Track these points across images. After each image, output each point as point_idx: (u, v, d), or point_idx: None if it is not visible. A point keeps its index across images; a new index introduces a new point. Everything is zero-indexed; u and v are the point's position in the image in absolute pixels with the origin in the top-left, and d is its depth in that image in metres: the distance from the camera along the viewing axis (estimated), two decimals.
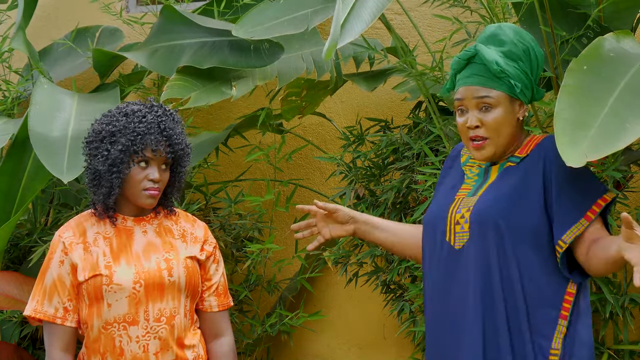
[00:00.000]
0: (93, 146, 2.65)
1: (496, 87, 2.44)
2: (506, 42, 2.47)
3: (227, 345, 2.78)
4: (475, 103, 2.45)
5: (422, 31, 3.96)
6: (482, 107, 2.45)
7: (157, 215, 2.74)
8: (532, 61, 2.47)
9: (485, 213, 2.43)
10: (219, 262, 2.80)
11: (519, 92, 2.44)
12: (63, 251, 2.64)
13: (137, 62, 4.08)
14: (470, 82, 2.46)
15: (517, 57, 2.45)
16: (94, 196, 2.68)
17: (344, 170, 3.95)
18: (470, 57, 2.48)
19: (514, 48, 2.46)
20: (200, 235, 2.76)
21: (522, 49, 2.46)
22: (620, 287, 3.44)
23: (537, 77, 2.49)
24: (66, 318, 2.63)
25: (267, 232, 4.33)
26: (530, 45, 2.47)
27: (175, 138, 2.66)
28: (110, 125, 2.63)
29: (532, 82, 2.48)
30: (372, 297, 4.11)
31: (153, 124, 2.63)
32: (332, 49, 2.62)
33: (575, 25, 3.28)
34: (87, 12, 4.69)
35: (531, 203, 2.41)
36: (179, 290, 2.66)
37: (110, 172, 2.60)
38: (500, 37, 2.48)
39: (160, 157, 2.64)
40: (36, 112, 3.65)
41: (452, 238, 2.47)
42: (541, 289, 2.39)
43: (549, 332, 2.38)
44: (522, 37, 2.48)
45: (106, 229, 2.67)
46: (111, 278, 2.59)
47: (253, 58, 3.71)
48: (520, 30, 2.51)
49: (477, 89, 2.45)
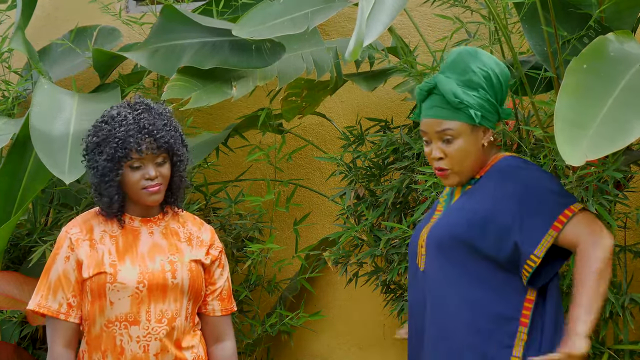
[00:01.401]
0: (87, 159, 2.67)
1: (456, 117, 2.46)
2: (466, 71, 2.47)
3: (229, 349, 2.79)
4: (437, 136, 2.49)
5: (422, 31, 3.96)
6: (444, 138, 2.48)
7: (165, 216, 2.74)
8: (494, 86, 2.47)
9: (435, 234, 2.50)
10: (224, 267, 2.79)
11: (479, 120, 2.45)
12: (69, 247, 2.65)
13: (137, 62, 4.07)
14: (430, 114, 2.49)
15: (477, 85, 2.46)
16: (99, 204, 2.70)
17: (344, 170, 3.95)
18: (431, 87, 2.50)
19: (473, 76, 2.46)
20: (206, 239, 2.76)
21: (483, 76, 2.46)
22: (620, 287, 3.44)
23: (502, 100, 2.50)
24: (70, 314, 2.64)
25: (267, 232, 4.33)
26: (491, 70, 2.47)
27: (158, 132, 2.63)
28: (95, 137, 2.65)
29: (497, 106, 2.49)
30: (372, 297, 4.11)
31: (132, 125, 2.61)
32: (359, 49, 2.57)
33: (576, 25, 3.27)
34: (87, 12, 4.69)
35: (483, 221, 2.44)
36: (181, 293, 2.66)
37: (105, 182, 2.62)
38: (459, 65, 2.49)
39: (148, 155, 2.63)
40: (37, 112, 3.65)
41: (420, 261, 2.54)
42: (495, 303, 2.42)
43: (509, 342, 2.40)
44: (483, 63, 2.48)
45: (113, 227, 2.68)
46: (115, 276, 2.60)
47: (254, 58, 3.71)
48: (481, 55, 2.51)
49: (438, 122, 2.48)
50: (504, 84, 2.51)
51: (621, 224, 3.62)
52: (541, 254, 2.39)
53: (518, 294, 2.43)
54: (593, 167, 3.27)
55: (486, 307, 2.42)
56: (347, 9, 4.45)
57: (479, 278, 2.43)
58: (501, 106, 2.51)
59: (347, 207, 3.86)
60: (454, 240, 2.45)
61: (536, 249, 2.39)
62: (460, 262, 2.45)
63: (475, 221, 2.44)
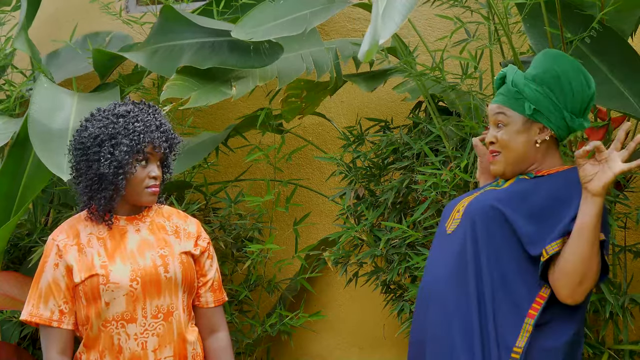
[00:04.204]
0: (92, 151, 2.64)
1: (511, 106, 2.53)
2: (539, 67, 2.53)
3: (223, 339, 2.81)
4: (493, 120, 2.58)
5: (422, 31, 3.96)
6: (498, 124, 2.56)
7: (149, 211, 2.75)
8: (563, 89, 2.49)
9: (475, 204, 2.52)
10: (213, 258, 2.82)
11: (531, 114, 2.49)
12: (57, 254, 2.64)
13: (136, 62, 4.08)
14: (495, 100, 2.59)
15: (543, 82, 2.50)
16: (91, 200, 2.67)
17: (343, 170, 3.95)
18: (503, 76, 2.59)
19: (542, 73, 2.51)
20: (193, 230, 2.78)
21: (552, 75, 2.50)
22: (620, 287, 3.44)
23: (570, 105, 2.50)
24: (62, 321, 2.63)
25: (267, 232, 4.33)
26: (563, 73, 2.50)
27: (170, 133, 2.71)
28: (108, 128, 2.64)
29: (562, 108, 2.50)
30: (372, 297, 4.11)
31: (149, 121, 2.66)
32: (375, 49, 2.55)
33: (579, 26, 3.27)
34: (92, 16, 4.70)
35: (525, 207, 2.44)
36: (176, 286, 2.66)
37: (117, 175, 2.61)
38: (537, 61, 2.56)
39: (158, 154, 2.68)
40: (36, 111, 3.65)
41: (450, 224, 2.57)
42: (511, 285, 2.42)
43: (515, 329, 2.40)
44: (559, 65, 2.52)
45: (99, 229, 2.68)
46: (108, 277, 2.60)
47: (253, 58, 3.71)
48: (562, 58, 2.54)
49: (496, 106, 2.57)
50: (577, 93, 2.50)
51: (621, 224, 3.62)
52: (552, 251, 2.38)
53: (533, 286, 2.42)
54: None
55: (503, 287, 2.42)
56: (347, 9, 4.45)
57: (503, 254, 2.43)
58: (575, 115, 2.51)
59: (347, 207, 3.86)
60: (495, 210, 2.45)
61: (549, 245, 2.39)
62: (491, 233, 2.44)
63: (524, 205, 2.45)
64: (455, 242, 2.51)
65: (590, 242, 2.35)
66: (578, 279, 2.37)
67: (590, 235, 2.35)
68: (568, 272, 2.37)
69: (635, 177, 3.71)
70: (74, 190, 2.73)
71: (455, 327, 2.43)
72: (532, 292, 2.42)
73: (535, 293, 2.42)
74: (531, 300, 2.42)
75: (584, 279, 2.37)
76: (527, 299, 2.42)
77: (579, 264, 2.36)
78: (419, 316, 2.57)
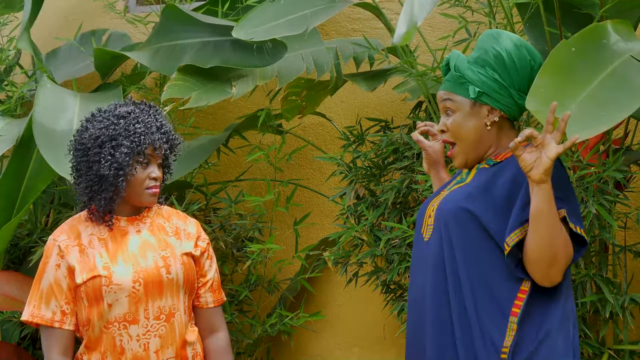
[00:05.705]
0: (93, 152, 2.64)
1: (456, 91, 2.51)
2: (480, 48, 2.51)
3: (223, 340, 2.81)
4: (441, 107, 2.55)
5: (422, 31, 3.96)
6: (446, 111, 2.54)
7: (149, 213, 2.75)
8: (507, 67, 2.47)
9: (444, 207, 2.49)
10: (212, 258, 2.82)
11: (476, 97, 2.47)
12: (59, 254, 2.64)
13: (138, 61, 4.08)
14: (442, 87, 2.56)
15: (485, 63, 2.48)
16: (91, 201, 2.67)
17: (344, 170, 3.95)
18: (447, 62, 2.57)
19: (484, 55, 2.49)
20: (193, 231, 2.78)
21: (494, 54, 2.47)
22: (620, 287, 3.44)
23: (517, 83, 2.48)
24: (64, 321, 2.62)
25: (267, 232, 4.34)
26: (504, 50, 2.47)
27: (171, 134, 2.71)
28: (109, 129, 2.63)
29: (508, 87, 2.47)
30: (372, 297, 4.11)
31: (149, 122, 2.66)
32: (413, 31, 2.52)
33: (578, 25, 3.27)
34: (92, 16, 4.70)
35: (491, 202, 2.42)
36: (177, 287, 2.66)
37: (117, 176, 2.61)
38: (478, 44, 2.53)
39: (159, 155, 2.68)
40: (40, 112, 3.66)
41: (425, 230, 2.55)
42: (491, 285, 2.41)
43: (500, 329, 2.39)
44: (499, 44, 2.48)
45: (100, 230, 2.68)
46: (110, 279, 2.59)
47: (256, 57, 3.71)
48: (501, 36, 2.50)
49: (443, 93, 2.55)
50: (521, 69, 2.48)
51: (621, 224, 3.62)
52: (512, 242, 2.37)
53: (513, 282, 2.41)
54: (593, 167, 3.28)
55: (482, 289, 2.41)
56: (347, 9, 4.45)
57: (479, 255, 2.42)
58: (523, 92, 2.48)
59: (347, 207, 3.86)
60: (465, 212, 2.44)
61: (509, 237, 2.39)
62: (465, 235, 2.43)
63: (490, 200, 2.43)
64: (433, 249, 2.49)
65: (549, 226, 2.32)
66: (546, 263, 2.35)
67: (546, 219, 2.32)
68: (536, 259, 2.35)
69: (635, 177, 3.71)
70: (74, 190, 2.73)
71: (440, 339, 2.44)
72: (513, 289, 2.40)
73: (517, 289, 2.40)
74: (513, 298, 2.40)
75: (553, 261, 2.35)
76: (508, 298, 2.40)
77: (544, 249, 2.33)
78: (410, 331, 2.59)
